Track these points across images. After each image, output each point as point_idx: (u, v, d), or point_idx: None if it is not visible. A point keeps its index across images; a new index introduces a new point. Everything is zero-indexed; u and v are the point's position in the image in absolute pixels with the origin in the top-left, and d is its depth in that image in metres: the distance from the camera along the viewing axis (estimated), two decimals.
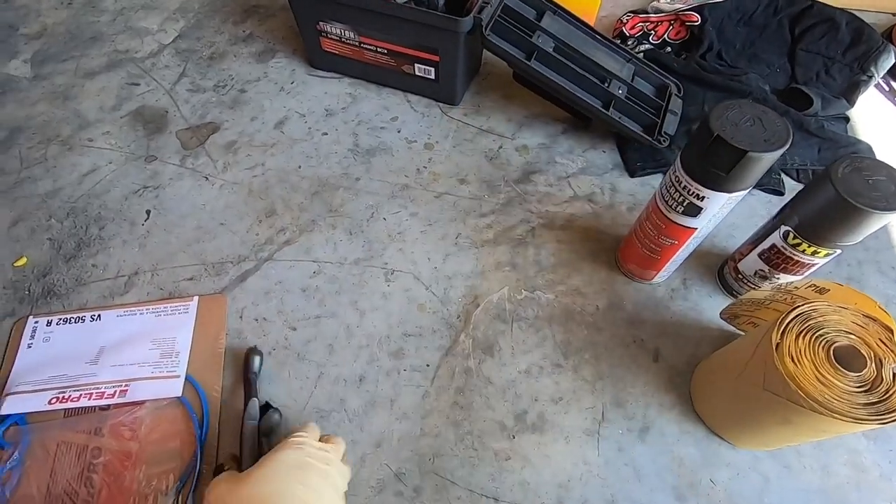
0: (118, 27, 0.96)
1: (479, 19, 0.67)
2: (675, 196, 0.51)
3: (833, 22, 0.83)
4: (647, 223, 0.57)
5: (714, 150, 0.44)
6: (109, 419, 0.55)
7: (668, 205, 0.52)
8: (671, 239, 0.56)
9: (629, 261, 0.64)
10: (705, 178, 0.47)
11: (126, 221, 0.71)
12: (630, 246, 0.62)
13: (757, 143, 0.43)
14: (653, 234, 0.57)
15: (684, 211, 0.51)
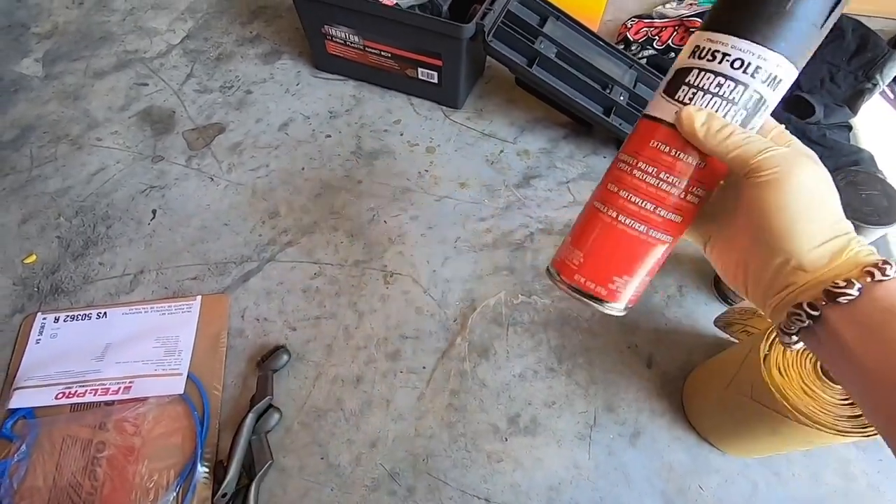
0: (128, 27, 0.97)
1: (482, 25, 0.67)
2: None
3: (839, 29, 0.83)
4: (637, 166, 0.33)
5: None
6: (114, 414, 0.56)
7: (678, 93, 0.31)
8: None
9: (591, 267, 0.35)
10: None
11: (133, 220, 0.73)
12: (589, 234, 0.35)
13: None
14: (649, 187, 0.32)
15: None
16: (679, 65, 0.32)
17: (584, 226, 0.35)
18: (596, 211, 0.35)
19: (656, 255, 0.34)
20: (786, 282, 0.28)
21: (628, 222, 0.33)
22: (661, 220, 0.32)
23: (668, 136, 0.31)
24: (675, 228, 0.33)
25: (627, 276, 0.34)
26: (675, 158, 0.31)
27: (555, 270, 0.37)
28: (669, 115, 0.31)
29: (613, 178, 0.34)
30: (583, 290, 0.34)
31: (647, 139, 0.32)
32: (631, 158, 0.33)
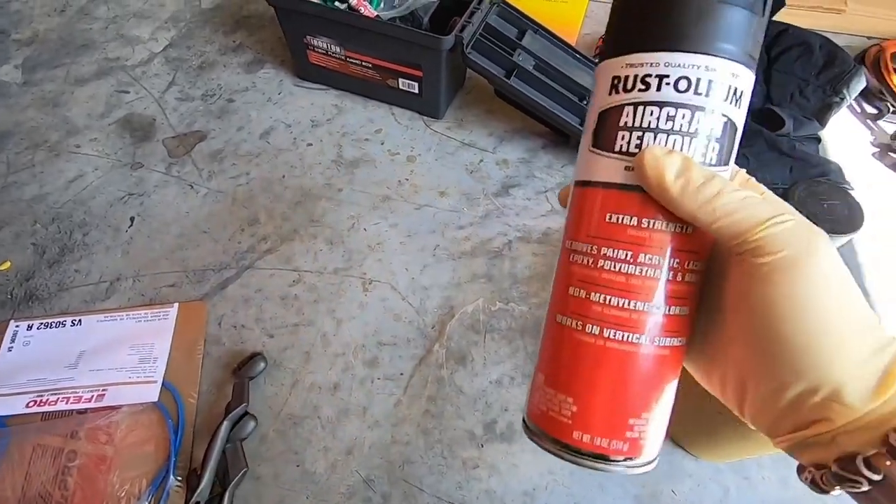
0: (110, 35, 0.97)
1: (461, 38, 0.69)
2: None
3: (807, 45, 0.86)
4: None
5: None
6: (86, 423, 0.56)
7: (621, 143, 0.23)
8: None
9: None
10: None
11: (110, 228, 0.72)
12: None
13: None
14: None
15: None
16: (601, 107, 0.24)
17: (559, 355, 0.25)
18: (567, 331, 0.25)
19: (674, 369, 0.24)
20: (812, 416, 0.21)
21: (620, 336, 0.23)
22: (662, 321, 0.23)
23: (627, 202, 0.23)
24: (683, 325, 0.24)
25: (647, 413, 0.24)
26: (651, 230, 0.23)
27: (537, 427, 0.26)
28: (617, 175, 0.23)
29: (574, 279, 0.25)
30: (590, 452, 0.24)
31: (601, 214, 0.23)
32: (587, 246, 0.24)
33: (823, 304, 0.20)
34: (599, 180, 0.24)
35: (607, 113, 0.23)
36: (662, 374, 0.24)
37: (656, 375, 0.24)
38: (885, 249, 0.73)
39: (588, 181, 0.24)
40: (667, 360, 0.24)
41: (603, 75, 0.24)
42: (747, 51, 0.22)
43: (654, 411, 0.24)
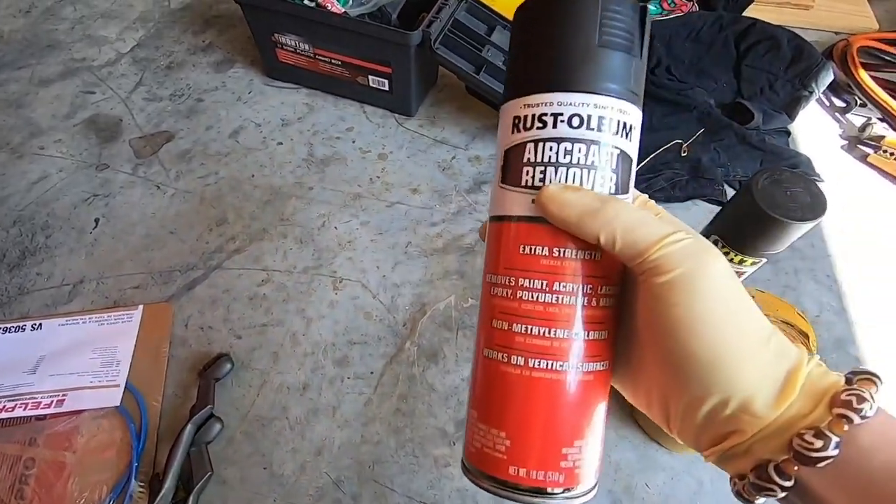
0: (76, 35, 0.96)
1: (428, 33, 0.68)
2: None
3: (775, 39, 0.87)
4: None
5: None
6: (45, 429, 0.54)
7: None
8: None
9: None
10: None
11: (74, 230, 0.71)
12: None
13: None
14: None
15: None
16: (506, 145, 0.25)
17: (488, 389, 0.26)
18: (494, 364, 0.25)
19: (601, 394, 0.25)
20: (727, 429, 0.21)
21: (544, 365, 0.24)
22: (584, 347, 0.24)
23: (538, 233, 0.24)
24: (604, 349, 0.25)
25: (579, 441, 0.24)
26: (563, 259, 0.24)
27: (474, 466, 0.26)
28: (526, 208, 0.24)
29: (496, 311, 0.25)
30: (527, 487, 0.24)
31: (514, 247, 0.24)
32: (505, 278, 0.25)
33: (720, 319, 0.20)
34: (511, 214, 0.25)
35: (511, 150, 0.25)
36: (590, 400, 0.24)
37: (584, 401, 0.24)
38: (855, 239, 0.73)
39: (501, 216, 0.25)
40: (592, 386, 0.24)
41: (505, 116, 0.26)
42: (630, 88, 0.24)
43: (587, 438, 0.24)
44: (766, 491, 0.21)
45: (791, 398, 0.20)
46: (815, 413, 0.20)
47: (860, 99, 0.87)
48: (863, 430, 0.19)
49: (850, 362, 0.63)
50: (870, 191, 0.79)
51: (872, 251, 0.72)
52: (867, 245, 0.73)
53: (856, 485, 0.19)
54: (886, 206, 0.77)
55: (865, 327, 0.65)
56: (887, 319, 0.66)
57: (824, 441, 0.19)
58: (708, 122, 0.80)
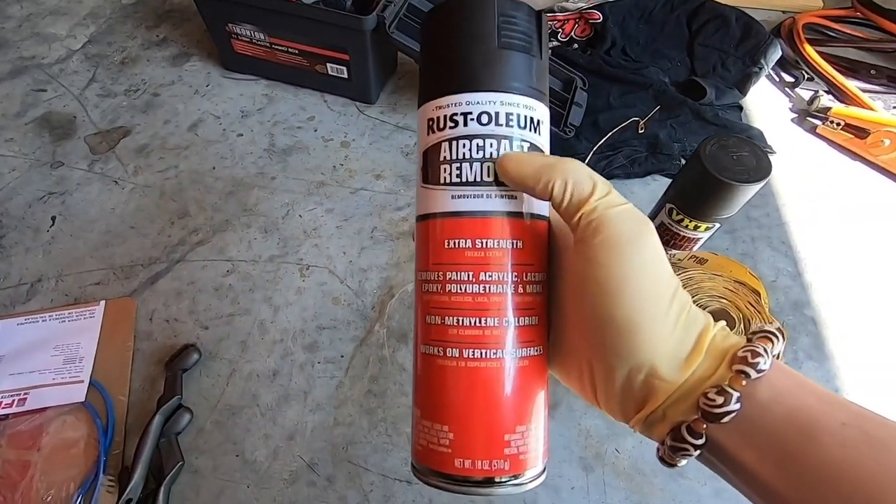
0: (24, 33, 0.93)
1: (383, 17, 0.68)
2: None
3: (724, 18, 0.89)
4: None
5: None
6: (7, 429, 0.53)
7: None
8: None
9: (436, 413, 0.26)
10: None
11: (30, 229, 0.69)
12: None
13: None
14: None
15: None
16: (424, 146, 0.27)
17: (428, 385, 0.26)
18: (431, 359, 0.26)
19: (539, 379, 0.26)
20: (642, 395, 0.23)
21: (478, 354, 0.24)
22: (515, 333, 0.25)
23: (461, 226, 0.25)
24: (537, 334, 0.25)
25: (522, 426, 0.25)
26: (485, 249, 0.25)
27: (422, 465, 0.26)
28: (448, 204, 0.25)
29: (429, 307, 0.26)
30: (474, 479, 0.24)
31: (439, 242, 0.25)
32: (434, 273, 0.25)
33: (642, 287, 0.22)
34: (434, 211, 0.26)
35: (429, 151, 0.26)
36: (527, 385, 0.25)
37: (522, 387, 0.25)
38: (808, 207, 0.76)
39: (425, 214, 0.26)
40: (528, 371, 0.25)
41: (421, 119, 0.27)
42: (533, 86, 0.26)
43: (528, 423, 0.25)
44: (682, 451, 0.22)
45: (697, 362, 0.22)
46: (717, 373, 0.21)
47: (807, 73, 0.90)
48: (761, 385, 0.21)
49: (807, 323, 0.65)
50: (820, 160, 0.82)
51: (824, 218, 0.75)
52: (819, 212, 0.76)
53: (761, 437, 0.20)
54: (836, 174, 0.80)
55: (820, 290, 0.68)
56: (840, 281, 0.69)
57: (725, 397, 0.20)
58: (663, 99, 0.82)
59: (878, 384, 0.61)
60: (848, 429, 0.19)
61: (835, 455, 0.19)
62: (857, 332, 0.65)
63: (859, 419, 0.20)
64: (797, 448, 0.20)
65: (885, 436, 0.19)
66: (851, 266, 0.70)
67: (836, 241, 0.73)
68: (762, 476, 0.20)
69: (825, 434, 0.19)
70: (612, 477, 0.55)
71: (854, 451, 0.19)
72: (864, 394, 0.60)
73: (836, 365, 0.62)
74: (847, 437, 0.19)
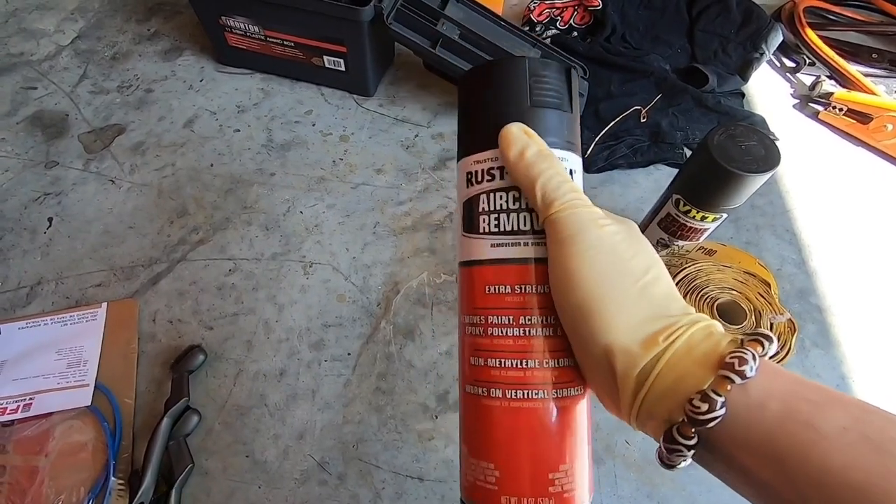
0: (11, 29, 0.91)
1: (380, 8, 0.67)
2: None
3: (724, 3, 0.88)
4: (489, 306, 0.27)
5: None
6: (13, 435, 0.52)
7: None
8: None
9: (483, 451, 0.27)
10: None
11: (26, 231, 0.68)
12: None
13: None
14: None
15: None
16: (463, 197, 0.29)
17: (474, 424, 0.27)
18: (475, 399, 0.27)
19: (580, 419, 0.26)
20: (614, 381, 0.23)
21: (521, 395, 0.25)
22: (555, 373, 0.25)
23: (502, 273, 0.27)
24: (576, 374, 0.26)
25: (565, 465, 0.25)
26: (524, 294, 0.26)
27: (470, 500, 0.27)
28: (487, 252, 0.27)
29: (471, 349, 0.27)
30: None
31: (481, 288, 0.27)
32: (476, 317, 0.27)
33: (594, 277, 0.23)
34: (475, 259, 0.28)
35: (469, 202, 0.28)
36: (569, 424, 0.26)
37: (563, 426, 0.25)
38: (811, 194, 0.76)
39: (467, 261, 0.28)
40: (569, 410, 0.26)
41: (460, 172, 0.29)
42: (566, 139, 0.28)
43: (571, 461, 0.26)
44: (676, 452, 0.22)
45: (655, 349, 0.22)
46: (702, 376, 0.22)
47: (809, 58, 0.89)
48: (752, 386, 0.21)
49: (812, 311, 0.65)
50: (823, 146, 0.81)
51: (828, 204, 0.75)
52: (823, 199, 0.76)
53: (754, 441, 0.20)
54: (839, 160, 0.80)
55: (825, 277, 0.68)
56: (845, 268, 0.69)
57: (709, 403, 0.20)
58: (665, 87, 0.81)
59: (885, 370, 0.61)
60: (849, 433, 0.19)
61: (835, 461, 0.19)
62: (862, 318, 0.65)
63: (860, 423, 0.19)
64: (795, 452, 0.19)
65: (889, 439, 0.19)
66: (856, 252, 0.70)
67: (840, 228, 0.73)
68: (763, 479, 0.20)
69: (823, 439, 0.19)
70: (623, 468, 0.55)
71: (857, 458, 0.19)
72: (870, 380, 0.61)
73: (843, 352, 0.62)
74: (847, 443, 0.19)
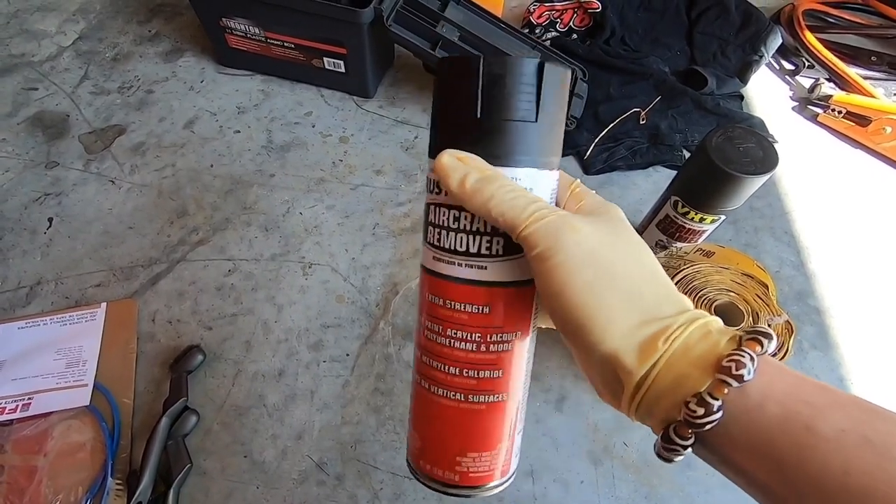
0: (12, 30, 0.91)
1: (380, 10, 0.67)
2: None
3: (724, 6, 0.88)
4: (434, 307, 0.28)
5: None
6: (12, 434, 0.53)
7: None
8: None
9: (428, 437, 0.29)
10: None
11: (26, 231, 0.68)
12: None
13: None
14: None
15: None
16: (426, 203, 0.28)
17: (411, 399, 0.31)
18: (415, 381, 0.30)
19: (493, 420, 0.28)
20: (617, 385, 0.23)
21: (439, 392, 0.27)
22: (474, 382, 0.27)
23: (436, 286, 0.27)
24: (499, 385, 0.27)
25: (473, 453, 0.28)
26: (452, 310, 0.26)
27: (408, 459, 0.31)
28: (430, 263, 0.27)
29: (416, 340, 0.29)
30: (435, 479, 0.29)
31: (425, 294, 0.28)
32: (421, 316, 0.28)
33: (579, 288, 0.22)
34: (424, 265, 0.28)
35: (426, 208, 0.28)
36: (478, 424, 0.27)
37: (473, 424, 0.27)
38: (810, 196, 0.76)
39: (422, 265, 0.28)
40: (482, 413, 0.27)
41: (429, 174, 0.27)
42: (522, 154, 0.24)
43: (481, 450, 0.28)
44: (673, 450, 0.22)
45: (653, 357, 0.22)
46: (700, 378, 0.21)
47: (808, 61, 0.89)
48: (750, 387, 0.21)
49: (811, 312, 0.65)
50: (821, 149, 0.82)
51: (827, 206, 0.75)
52: (821, 201, 0.76)
53: (753, 440, 0.20)
54: (838, 162, 0.80)
55: (823, 279, 0.68)
56: (843, 270, 0.69)
57: (706, 407, 0.20)
58: (664, 89, 0.81)
59: (883, 371, 0.61)
60: (848, 435, 0.19)
61: (834, 464, 0.19)
62: (860, 320, 0.65)
63: (860, 424, 0.19)
64: (793, 455, 0.19)
65: (889, 442, 0.18)
66: (854, 255, 0.71)
67: (839, 230, 0.73)
68: (761, 480, 0.20)
69: (822, 441, 0.19)
70: (621, 470, 0.55)
71: (856, 460, 0.18)
72: (868, 381, 0.61)
73: (841, 353, 0.62)
74: (846, 445, 0.19)
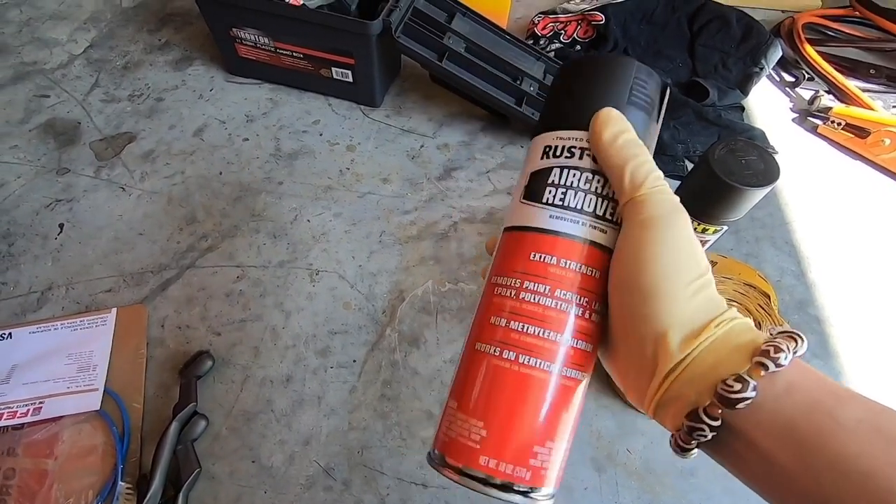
0: (25, 38, 0.92)
1: (389, 22, 0.69)
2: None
3: (725, 19, 0.90)
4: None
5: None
6: (23, 438, 0.53)
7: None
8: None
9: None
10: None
11: (38, 236, 0.69)
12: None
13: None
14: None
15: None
16: (532, 168, 0.29)
17: (473, 381, 0.27)
18: (484, 357, 0.27)
19: (577, 404, 0.27)
20: (652, 365, 0.24)
21: (533, 362, 0.26)
22: (570, 352, 0.26)
23: (551, 244, 0.27)
24: (587, 360, 0.27)
25: (552, 442, 0.26)
26: (567, 269, 0.26)
27: (440, 455, 0.27)
28: (544, 222, 0.27)
29: (496, 309, 0.27)
30: (495, 478, 0.25)
31: (525, 253, 0.27)
32: (511, 280, 0.27)
33: (667, 262, 0.24)
34: (528, 225, 0.28)
35: (538, 173, 0.29)
36: (567, 404, 0.26)
37: (561, 404, 0.26)
38: (810, 206, 0.77)
39: (519, 226, 0.28)
40: (570, 391, 0.26)
41: (536, 145, 0.30)
42: (647, 143, 0.28)
43: (557, 441, 0.26)
44: (698, 431, 0.23)
45: (696, 343, 0.23)
46: (739, 362, 0.23)
47: (808, 73, 0.90)
48: (780, 376, 0.22)
49: (811, 322, 0.66)
50: (821, 160, 0.83)
51: (827, 217, 0.76)
52: (822, 211, 0.77)
53: (776, 426, 0.22)
54: (837, 173, 0.81)
55: (823, 289, 0.69)
56: (843, 280, 0.70)
57: (743, 384, 0.22)
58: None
59: (883, 380, 0.62)
60: (863, 425, 0.21)
61: (850, 449, 0.20)
62: (861, 329, 0.66)
63: (876, 416, 0.21)
64: (813, 440, 0.21)
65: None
66: (854, 264, 0.71)
67: (839, 240, 0.74)
68: (780, 461, 0.21)
69: (840, 429, 0.21)
70: (624, 477, 0.55)
71: (868, 447, 0.20)
72: (869, 390, 0.61)
73: (841, 363, 0.63)
74: (861, 433, 0.20)
